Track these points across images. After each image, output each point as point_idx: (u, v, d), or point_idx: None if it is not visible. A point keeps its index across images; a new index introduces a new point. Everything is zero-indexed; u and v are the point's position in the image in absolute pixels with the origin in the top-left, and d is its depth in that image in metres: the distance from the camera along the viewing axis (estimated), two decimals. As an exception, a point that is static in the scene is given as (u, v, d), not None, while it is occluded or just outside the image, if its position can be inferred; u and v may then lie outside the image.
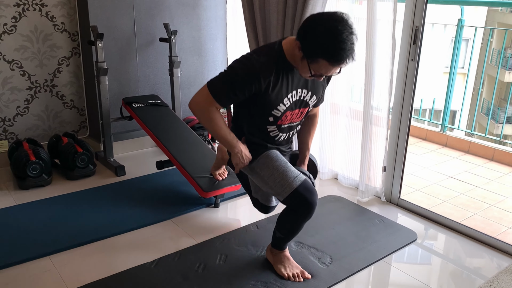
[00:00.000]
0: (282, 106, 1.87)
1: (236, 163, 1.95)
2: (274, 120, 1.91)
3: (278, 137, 2.00)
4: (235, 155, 1.93)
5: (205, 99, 1.83)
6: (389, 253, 2.26)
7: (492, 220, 2.73)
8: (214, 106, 1.84)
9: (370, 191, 2.83)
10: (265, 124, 1.93)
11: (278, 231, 2.02)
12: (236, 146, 1.91)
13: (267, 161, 1.95)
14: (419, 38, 2.44)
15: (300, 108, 1.95)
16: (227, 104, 1.86)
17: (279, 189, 1.89)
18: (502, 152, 3.66)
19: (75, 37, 3.30)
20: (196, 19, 3.59)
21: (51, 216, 2.53)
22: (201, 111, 1.86)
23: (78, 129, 3.49)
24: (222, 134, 1.89)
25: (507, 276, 2.09)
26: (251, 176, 2.06)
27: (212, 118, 1.85)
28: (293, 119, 1.97)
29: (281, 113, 1.89)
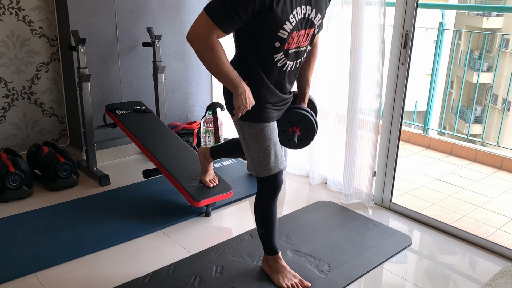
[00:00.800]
0: (288, 24, 1.68)
1: (238, 106, 1.76)
2: (281, 44, 1.72)
3: (286, 66, 1.81)
4: (238, 96, 1.74)
5: (205, 26, 1.61)
6: (386, 259, 2.24)
7: (481, 222, 2.76)
8: (216, 34, 1.63)
9: (356, 194, 2.82)
10: (272, 52, 1.74)
11: (258, 226, 2.03)
12: (239, 85, 1.73)
13: (259, 135, 1.85)
14: (409, 42, 2.44)
15: (306, 29, 1.77)
16: (230, 28, 1.65)
17: (257, 167, 1.90)
18: (484, 153, 3.72)
19: (54, 42, 3.17)
20: (179, 23, 3.52)
21: (34, 230, 2.41)
22: (202, 41, 1.63)
23: (58, 138, 3.36)
24: (224, 70, 1.69)
25: (503, 279, 2.10)
26: (238, 133, 1.94)
27: (214, 49, 1.64)
28: (300, 42, 1.79)
29: (287, 33, 1.70)
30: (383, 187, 2.75)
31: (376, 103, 2.59)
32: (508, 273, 2.14)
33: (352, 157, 2.73)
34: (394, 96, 2.57)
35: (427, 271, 2.20)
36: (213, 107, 3.40)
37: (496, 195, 3.15)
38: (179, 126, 3.64)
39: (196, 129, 3.65)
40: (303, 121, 1.98)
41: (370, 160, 2.68)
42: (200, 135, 3.58)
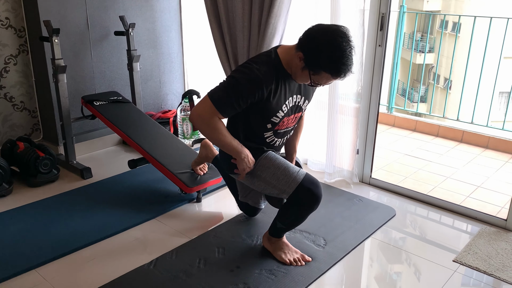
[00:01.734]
0: (281, 112, 1.93)
1: (243, 169, 1.95)
2: (272, 126, 1.97)
3: (274, 142, 2.06)
4: (241, 161, 1.93)
5: (207, 111, 1.83)
6: (375, 229, 2.39)
7: (452, 191, 2.97)
8: (217, 117, 1.86)
9: (338, 173, 2.95)
10: (263, 131, 1.98)
11: (280, 222, 2.06)
12: (242, 151, 1.93)
13: (266, 162, 1.99)
14: (386, 24, 2.57)
15: (295, 114, 2.02)
16: (230, 114, 1.88)
17: (283, 186, 1.93)
18: (445, 128, 3.97)
19: (22, 33, 3.05)
20: (149, 11, 3.47)
21: (24, 227, 2.36)
22: (205, 123, 1.85)
23: (31, 133, 3.25)
24: (227, 142, 1.90)
25: (481, 240, 2.30)
26: (250, 181, 2.05)
27: (217, 128, 1.86)
28: (289, 124, 2.04)
29: (279, 119, 1.95)
30: (363, 164, 2.90)
31: (357, 87, 2.70)
32: (485, 235, 2.35)
33: (334, 139, 2.85)
34: (372, 76, 2.70)
35: (414, 237, 2.36)
36: (190, 94, 3.41)
37: (461, 166, 3.39)
38: (154, 115, 3.62)
39: (171, 117, 3.64)
40: None
41: (352, 139, 2.81)
42: (177, 123, 3.58)
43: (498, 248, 2.23)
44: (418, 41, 14.87)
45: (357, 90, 2.71)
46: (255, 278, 1.98)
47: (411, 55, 9.65)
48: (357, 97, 2.73)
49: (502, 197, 2.89)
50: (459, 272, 2.06)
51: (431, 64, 14.40)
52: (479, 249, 2.22)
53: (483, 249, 2.22)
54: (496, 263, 2.11)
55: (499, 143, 3.68)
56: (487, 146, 3.74)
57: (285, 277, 2.00)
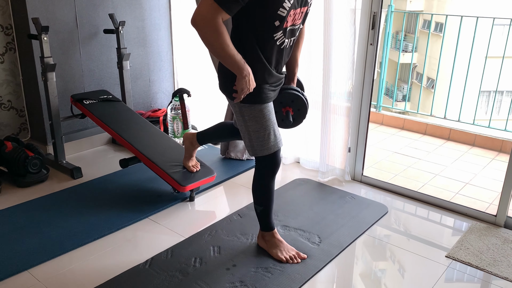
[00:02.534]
0: (287, 2, 1.72)
1: (241, 88, 1.78)
2: (280, 23, 1.76)
3: (284, 44, 1.86)
4: (242, 79, 1.76)
5: (209, 9, 1.63)
6: (368, 226, 2.41)
7: (441, 188, 3.01)
8: (220, 17, 1.64)
9: (331, 171, 2.97)
10: (272, 31, 1.78)
11: (256, 204, 2.10)
12: (244, 67, 1.74)
13: (259, 115, 1.91)
14: (377, 23, 2.59)
15: (301, 7, 1.83)
16: (234, 9, 1.66)
17: (257, 147, 1.95)
18: (433, 126, 4.03)
19: (9, 31, 2.99)
20: (139, 9, 3.44)
21: (15, 228, 2.31)
22: (207, 25, 1.64)
23: (18, 132, 3.19)
24: (230, 53, 1.70)
25: (472, 235, 2.34)
26: (238, 116, 1.96)
27: (220, 32, 1.65)
28: (295, 20, 1.84)
29: (286, 11, 1.74)
30: (355, 162, 2.92)
31: (348, 86, 2.71)
32: (475, 230, 2.39)
33: (327, 138, 2.86)
34: (363, 75, 2.72)
35: (406, 234, 2.39)
36: (180, 93, 3.39)
37: (449, 163, 3.44)
38: (144, 114, 3.59)
39: (161, 116, 3.62)
40: (295, 101, 2.06)
41: (344, 138, 2.83)
42: (167, 122, 3.56)
43: (489, 244, 2.27)
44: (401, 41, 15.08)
45: (348, 89, 2.73)
46: (251, 276, 1.98)
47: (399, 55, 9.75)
48: (348, 96, 2.74)
49: (490, 194, 2.94)
50: (452, 268, 2.09)
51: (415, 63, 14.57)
52: (471, 244, 2.26)
53: (475, 244, 2.26)
54: (488, 258, 2.15)
55: (486, 141, 3.74)
56: (474, 143, 3.80)
57: (282, 275, 2.00)
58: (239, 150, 3.18)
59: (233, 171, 3.01)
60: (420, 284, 1.98)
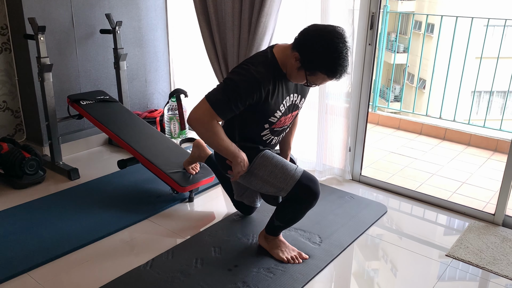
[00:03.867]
0: (279, 112, 1.93)
1: (238, 172, 1.94)
2: (270, 126, 1.97)
3: (270, 140, 2.06)
4: (237, 164, 1.92)
5: (206, 114, 1.81)
6: (368, 226, 2.42)
7: (438, 187, 3.03)
8: (216, 120, 1.84)
9: (329, 171, 2.97)
10: (260, 130, 1.98)
11: (278, 220, 2.05)
12: (239, 155, 1.91)
13: (263, 160, 1.98)
14: (375, 24, 2.60)
15: (292, 112, 2.02)
16: (229, 116, 1.86)
17: (281, 184, 1.93)
18: (429, 126, 4.05)
19: (5, 31, 2.96)
20: (135, 9, 3.42)
21: (12, 230, 2.29)
22: (204, 126, 1.83)
23: (14, 133, 3.16)
24: (225, 146, 1.88)
25: (471, 234, 2.36)
26: (246, 180, 2.04)
27: (215, 132, 1.85)
28: (285, 123, 2.04)
29: (277, 119, 1.95)
30: (353, 162, 2.93)
31: (347, 87, 2.72)
32: (474, 229, 2.41)
33: (325, 138, 2.86)
34: (362, 75, 2.73)
35: (406, 233, 2.40)
36: (177, 93, 3.38)
37: (445, 163, 3.46)
38: (141, 115, 3.57)
39: (158, 117, 3.60)
40: None
41: (343, 138, 2.84)
42: (164, 123, 3.54)
43: (488, 242, 2.28)
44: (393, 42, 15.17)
45: (347, 90, 2.74)
46: (253, 277, 1.98)
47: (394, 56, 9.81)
48: (346, 97, 2.75)
49: (487, 193, 2.96)
50: (452, 266, 2.11)
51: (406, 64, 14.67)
52: (470, 243, 2.27)
53: (474, 243, 2.28)
54: (487, 257, 2.16)
55: (481, 140, 3.77)
56: (469, 143, 3.83)
57: (284, 275, 2.00)
58: None
59: (232, 171, 3.00)
60: (422, 283, 1.99)
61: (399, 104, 4.90)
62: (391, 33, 14.32)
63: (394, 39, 15.06)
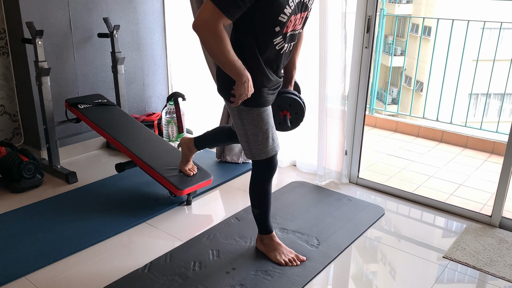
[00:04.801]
0: (288, 8, 1.74)
1: (240, 94, 1.79)
2: (281, 28, 1.77)
3: (283, 49, 1.87)
4: (241, 85, 1.77)
5: (211, 14, 1.62)
6: (366, 228, 2.43)
7: (435, 189, 3.04)
8: (222, 22, 1.64)
9: (328, 174, 2.97)
10: (272, 37, 1.78)
11: (254, 207, 2.11)
12: (244, 74, 1.75)
13: (258, 119, 1.91)
14: (372, 27, 2.62)
15: (302, 12, 1.83)
16: (235, 14, 1.67)
17: (255, 150, 1.96)
18: (426, 128, 4.07)
19: (2, 35, 2.97)
20: (133, 13, 3.43)
21: (11, 233, 2.29)
22: (209, 31, 1.64)
23: (11, 137, 3.16)
24: (230, 58, 1.70)
25: (468, 236, 2.37)
26: (234, 118, 1.97)
27: (221, 38, 1.65)
28: (296, 25, 1.85)
29: (287, 17, 1.75)
30: (351, 165, 2.94)
31: (342, 89, 2.73)
32: (471, 231, 2.42)
33: (324, 141, 2.87)
34: (359, 78, 2.74)
35: (404, 235, 2.41)
36: (175, 97, 3.39)
37: (442, 165, 3.48)
38: (139, 118, 3.57)
39: (156, 120, 3.61)
40: (293, 105, 2.07)
41: (340, 141, 2.85)
42: (162, 126, 3.55)
43: (485, 244, 2.29)
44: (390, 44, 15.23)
45: (342, 93, 2.75)
46: (251, 280, 1.98)
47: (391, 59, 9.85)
48: (342, 100, 2.76)
49: (484, 194, 2.98)
50: (450, 268, 2.11)
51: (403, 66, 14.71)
52: (467, 245, 2.28)
53: (471, 245, 2.28)
54: (484, 258, 2.17)
55: (478, 142, 3.79)
56: (466, 145, 3.84)
57: (282, 278, 2.00)
58: (235, 153, 3.18)
59: (229, 174, 3.01)
60: (420, 285, 1.99)
61: (397, 107, 4.91)
62: (388, 36, 14.40)
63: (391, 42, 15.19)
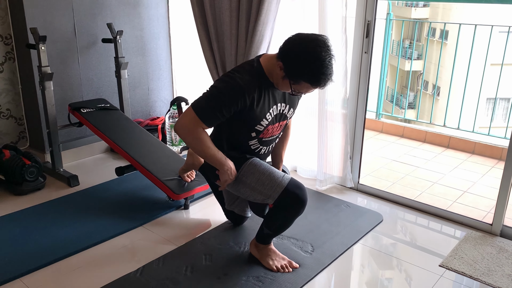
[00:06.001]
0: (265, 121, 1.94)
1: (225, 180, 1.96)
2: (256, 134, 1.97)
3: (259, 150, 2.06)
4: (224, 173, 1.94)
5: (191, 121, 1.84)
6: (362, 235, 2.40)
7: (438, 196, 2.99)
8: (201, 127, 1.86)
9: (329, 179, 2.95)
10: (247, 139, 1.99)
11: (267, 228, 2.06)
12: (225, 163, 1.93)
13: (251, 168, 1.99)
14: (371, 32, 2.60)
15: (280, 122, 2.03)
16: (214, 124, 1.89)
17: (269, 191, 1.93)
18: (432, 134, 4.01)
19: (8, 41, 3.03)
20: (137, 18, 3.47)
21: (8, 236, 2.33)
22: (189, 134, 1.86)
23: (17, 140, 3.22)
24: (211, 154, 1.90)
25: (467, 244, 2.32)
26: (235, 188, 2.05)
27: (200, 139, 1.87)
28: (274, 132, 2.05)
29: (263, 127, 1.95)
30: (351, 170, 2.91)
31: (343, 93, 2.71)
32: (471, 239, 2.37)
33: (325, 146, 2.85)
34: (358, 83, 2.72)
35: (401, 243, 2.37)
36: (178, 101, 3.41)
37: (447, 172, 3.42)
38: (143, 123, 3.61)
39: (160, 124, 3.64)
40: None
41: (341, 146, 2.82)
42: (165, 130, 3.57)
43: (484, 253, 2.24)
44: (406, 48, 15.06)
45: (344, 97, 2.73)
46: (242, 285, 1.98)
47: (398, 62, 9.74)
48: (344, 103, 2.74)
49: (488, 202, 2.92)
50: (445, 277, 2.07)
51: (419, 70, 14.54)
52: (465, 253, 2.24)
53: (469, 253, 2.24)
54: (482, 268, 2.13)
55: (485, 149, 3.72)
56: (474, 151, 3.78)
57: (272, 284, 1.99)
58: None
59: (229, 179, 3.01)
60: (412, 294, 1.96)
61: (405, 112, 4.85)
62: (405, 40, 14.25)
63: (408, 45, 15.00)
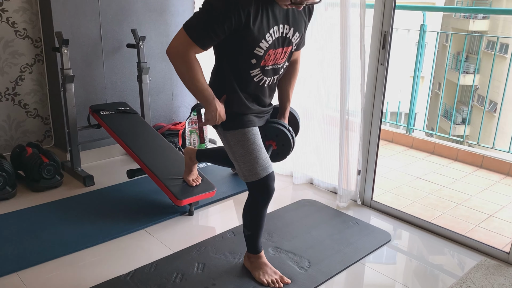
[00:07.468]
0: (265, 42, 1.74)
1: (207, 119, 1.84)
2: (257, 61, 1.78)
3: (263, 82, 1.87)
4: (209, 112, 1.82)
5: (183, 42, 1.66)
6: (365, 255, 2.29)
7: (460, 219, 2.81)
8: (193, 51, 1.69)
9: (348, 195, 2.84)
10: (248, 68, 1.80)
11: (245, 227, 2.04)
12: (212, 103, 1.79)
13: (243, 139, 1.88)
14: (388, 43, 2.49)
15: (284, 47, 1.83)
16: (207, 45, 1.70)
17: (246, 172, 1.90)
18: (465, 152, 3.79)
19: (38, 44, 3.18)
20: (164, 25, 3.54)
21: (17, 230, 2.42)
22: (179, 58, 1.69)
23: (43, 139, 3.36)
24: (199, 87, 1.75)
25: (478, 273, 2.15)
26: (222, 141, 1.97)
27: (191, 66, 1.70)
28: (277, 60, 1.85)
29: (264, 51, 1.76)
30: (365, 185, 2.79)
31: (360, 103, 2.62)
32: (483, 267, 2.20)
33: (345, 158, 2.76)
34: (374, 95, 2.62)
35: (405, 266, 2.24)
36: (198, 107, 3.43)
37: (475, 193, 3.21)
38: (164, 127, 3.66)
39: (181, 129, 3.67)
40: (280, 136, 2.03)
41: (356, 159, 2.72)
42: (185, 135, 3.60)
43: (495, 283, 2.07)
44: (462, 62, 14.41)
45: (357, 109, 2.63)
46: (228, 297, 1.94)
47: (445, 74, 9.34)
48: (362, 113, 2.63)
49: (514, 229, 2.70)
50: (446, 307, 1.93)
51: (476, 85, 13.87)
52: (474, 282, 2.07)
53: (478, 283, 2.07)
54: (489, 300, 1.96)
55: (521, 171, 3.46)
56: (509, 173, 3.52)
57: (259, 298, 1.94)
58: None
59: (240, 187, 2.98)
60: (405, 322, 1.84)
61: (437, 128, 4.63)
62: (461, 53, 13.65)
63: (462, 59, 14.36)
